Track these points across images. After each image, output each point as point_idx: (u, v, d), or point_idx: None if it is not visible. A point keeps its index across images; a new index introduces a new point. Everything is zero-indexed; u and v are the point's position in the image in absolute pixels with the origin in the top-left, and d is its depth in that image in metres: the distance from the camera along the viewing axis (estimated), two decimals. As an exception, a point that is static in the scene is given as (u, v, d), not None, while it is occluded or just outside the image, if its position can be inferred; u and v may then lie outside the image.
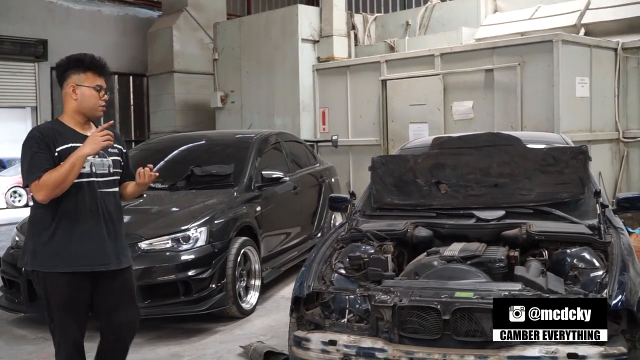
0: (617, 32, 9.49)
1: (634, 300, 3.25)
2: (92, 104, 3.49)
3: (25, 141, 3.39)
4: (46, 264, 3.36)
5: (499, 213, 4.31)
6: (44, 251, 3.37)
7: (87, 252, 3.39)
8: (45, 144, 3.34)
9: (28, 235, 3.49)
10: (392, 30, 12.37)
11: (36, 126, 3.54)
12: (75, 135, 3.46)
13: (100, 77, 3.51)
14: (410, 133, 9.59)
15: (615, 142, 9.13)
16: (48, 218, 3.38)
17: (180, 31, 13.88)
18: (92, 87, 3.47)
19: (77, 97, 3.47)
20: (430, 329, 3.27)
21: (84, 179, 3.43)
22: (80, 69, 3.49)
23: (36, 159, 3.31)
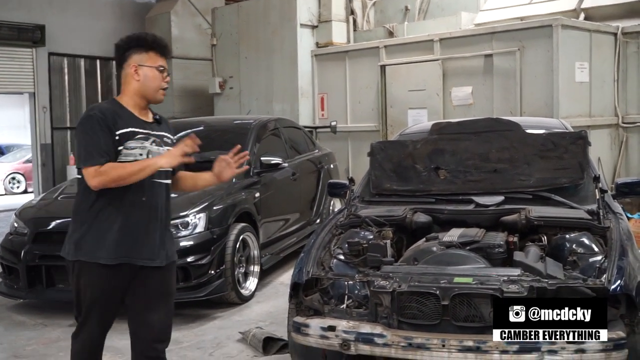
0: (617, 16, 9.45)
1: (633, 285, 3.26)
2: (155, 86, 3.29)
3: (84, 119, 3.17)
4: (90, 254, 3.16)
5: (498, 198, 4.30)
6: (89, 241, 3.16)
7: (134, 245, 3.19)
8: (107, 125, 3.12)
9: (73, 224, 3.25)
10: (391, 15, 12.30)
11: (95, 105, 3.30)
12: (134, 119, 3.25)
13: (162, 57, 3.32)
14: (409, 119, 9.57)
15: (615, 128, 9.12)
16: (97, 207, 3.17)
17: (178, 16, 13.81)
18: (154, 67, 3.28)
19: (140, 77, 3.26)
20: (429, 314, 3.27)
21: None
22: (142, 49, 3.28)
23: (97, 141, 3.09)
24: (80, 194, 3.25)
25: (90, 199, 3.17)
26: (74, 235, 3.21)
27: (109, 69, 14.79)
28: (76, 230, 3.21)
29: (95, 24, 14.19)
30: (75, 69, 14.19)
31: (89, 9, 14.14)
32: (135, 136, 3.20)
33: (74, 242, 3.20)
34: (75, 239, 3.20)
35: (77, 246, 3.18)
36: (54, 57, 13.67)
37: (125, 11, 14.83)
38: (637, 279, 3.34)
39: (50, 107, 13.63)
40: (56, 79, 13.81)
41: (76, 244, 3.19)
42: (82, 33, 13.95)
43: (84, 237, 3.17)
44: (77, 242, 3.19)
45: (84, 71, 14.32)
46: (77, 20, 13.87)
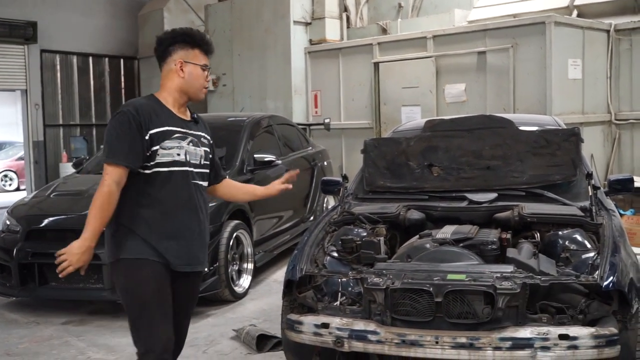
0: (610, 13, 9.47)
1: (625, 281, 3.26)
2: (198, 84, 3.20)
3: (117, 115, 3.07)
4: (132, 251, 3.03)
5: (491, 195, 4.30)
6: (132, 239, 3.04)
7: (176, 248, 3.08)
8: (138, 125, 3.00)
9: (111, 224, 3.07)
10: (384, 12, 12.30)
11: (131, 101, 3.15)
12: (172, 117, 3.14)
13: (206, 56, 3.25)
14: (402, 116, 9.58)
15: (607, 124, 9.15)
16: (137, 206, 3.05)
17: (171, 13, 13.78)
18: (199, 65, 3.19)
19: (185, 74, 3.16)
20: (422, 311, 3.26)
21: (177, 167, 3.11)
22: (189, 45, 3.19)
23: (123, 141, 2.99)
24: (120, 194, 3.07)
25: (130, 199, 3.05)
26: (115, 235, 3.09)
27: (102, 66, 14.75)
28: (115, 230, 3.09)
29: (87, 21, 14.15)
30: (68, 66, 14.15)
31: (82, 6, 14.09)
32: (172, 135, 3.09)
33: (115, 242, 3.09)
34: (116, 239, 3.08)
35: (119, 246, 3.07)
36: (46, 54, 13.62)
37: (118, 8, 14.79)
38: (630, 276, 3.35)
39: (43, 105, 13.58)
40: (48, 76, 13.76)
41: (117, 243, 3.07)
42: (74, 30, 13.91)
43: (127, 236, 3.05)
44: (118, 242, 3.07)
45: (76, 68, 14.27)
46: (69, 17, 13.83)
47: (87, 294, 5.78)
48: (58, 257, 2.96)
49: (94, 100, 14.67)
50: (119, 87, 15.14)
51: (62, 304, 6.20)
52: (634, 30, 8.93)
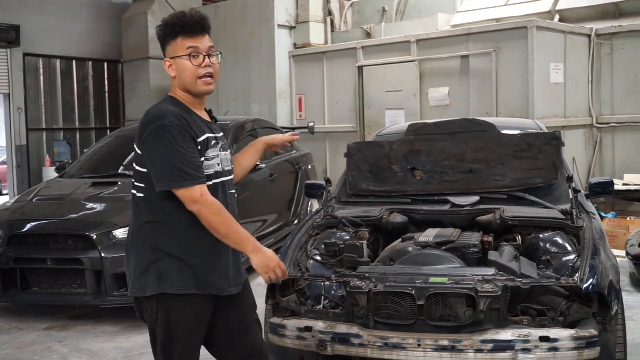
0: (591, 18, 9.57)
1: (605, 283, 3.30)
2: (189, 76, 2.72)
3: (160, 130, 2.60)
4: (178, 284, 2.67)
5: (474, 199, 4.33)
6: (177, 270, 2.67)
7: (222, 271, 2.78)
8: (190, 135, 2.63)
9: (143, 250, 2.72)
10: (368, 17, 12.34)
11: (165, 111, 2.66)
12: (203, 122, 2.79)
13: (192, 37, 2.70)
14: (386, 119, 9.61)
15: (589, 128, 9.23)
16: (177, 228, 2.68)
17: (155, 17, 13.70)
18: (184, 55, 2.71)
19: (175, 73, 2.75)
20: (405, 314, 3.28)
21: (219, 179, 2.78)
22: (170, 37, 2.73)
23: (185, 155, 2.59)
24: (152, 214, 2.70)
25: (167, 219, 2.68)
26: (152, 263, 2.69)
27: (86, 70, 14.66)
28: (153, 257, 2.69)
29: (71, 24, 14.07)
30: (51, 70, 14.05)
31: (65, 9, 14.00)
32: (211, 143, 2.75)
33: (154, 273, 2.68)
34: (155, 268, 2.68)
35: (159, 277, 2.66)
36: (29, 57, 13.52)
37: (102, 12, 14.71)
38: (609, 278, 3.38)
39: (26, 109, 13.47)
40: (31, 80, 13.66)
41: (158, 274, 2.67)
42: (57, 34, 13.81)
43: (169, 265, 2.67)
44: (158, 272, 2.67)
45: (59, 72, 14.17)
46: (52, 21, 13.73)
47: (70, 299, 5.75)
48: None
49: (78, 104, 14.57)
50: (102, 91, 15.06)
51: (44, 309, 6.16)
52: (614, 35, 9.03)
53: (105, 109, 15.09)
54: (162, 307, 2.71)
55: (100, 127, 14.88)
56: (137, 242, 2.75)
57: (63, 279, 5.67)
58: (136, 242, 2.75)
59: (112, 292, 5.50)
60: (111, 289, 5.49)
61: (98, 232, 5.56)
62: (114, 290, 5.51)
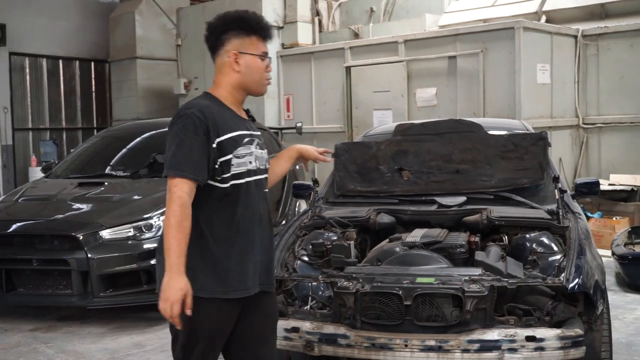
0: (578, 19, 9.62)
1: (591, 283, 3.32)
2: (259, 77, 2.76)
3: (179, 118, 2.60)
4: (208, 287, 2.59)
5: (461, 199, 4.35)
6: (206, 271, 2.60)
7: (252, 271, 2.69)
8: (205, 131, 2.57)
9: (195, 251, 2.61)
10: (356, 17, 12.34)
11: (193, 102, 2.67)
12: (238, 120, 2.74)
13: (264, 42, 2.79)
14: (374, 120, 9.61)
15: (575, 128, 9.28)
16: (210, 229, 2.62)
17: (142, 16, 13.68)
18: (258, 55, 2.74)
19: (241, 68, 2.72)
20: (392, 314, 3.29)
21: (251, 177, 2.72)
22: (243, 32, 2.73)
23: (188, 149, 2.54)
24: (199, 211, 2.60)
25: (198, 217, 2.59)
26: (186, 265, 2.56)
27: (72, 70, 14.59)
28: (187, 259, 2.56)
29: (57, 23, 13.98)
30: (37, 69, 13.97)
31: (51, 8, 13.91)
32: (243, 141, 2.70)
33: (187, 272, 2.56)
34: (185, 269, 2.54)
35: (193, 278, 2.54)
36: (14, 56, 13.44)
37: (89, 10, 14.63)
38: (595, 278, 3.41)
39: (12, 108, 13.39)
40: (17, 79, 13.58)
41: (191, 274, 2.55)
42: (44, 33, 13.73)
43: (200, 265, 2.60)
44: (191, 272, 2.55)
45: (46, 71, 14.10)
46: (38, 20, 13.65)
47: (56, 300, 5.71)
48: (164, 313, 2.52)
49: (64, 103, 14.50)
50: (89, 90, 14.99)
51: (30, 310, 6.12)
52: (600, 35, 9.08)
53: (92, 108, 15.02)
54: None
55: (87, 126, 14.82)
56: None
57: (49, 279, 5.63)
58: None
59: (99, 293, 5.48)
60: (97, 290, 5.47)
61: (84, 232, 5.53)
62: (100, 291, 5.48)
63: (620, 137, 8.97)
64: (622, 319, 5.35)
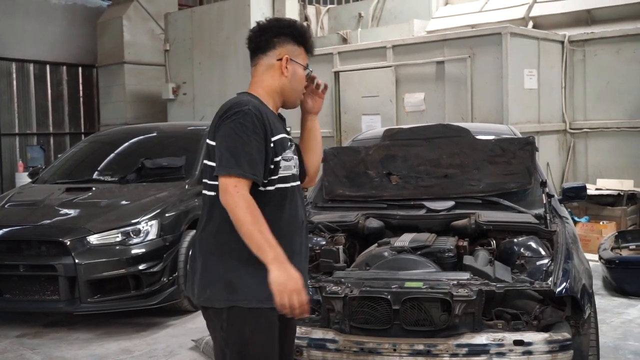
0: (564, 25, 9.70)
1: (578, 287, 3.34)
2: (300, 88, 2.72)
3: (236, 115, 2.44)
4: (253, 296, 2.43)
5: (449, 204, 4.36)
6: (248, 280, 2.44)
7: None
8: (263, 129, 2.46)
9: (211, 256, 2.51)
10: (344, 22, 12.38)
11: (246, 100, 2.51)
12: (280, 122, 2.66)
13: (307, 55, 2.72)
14: (362, 125, 9.62)
15: (563, 133, 9.33)
16: None
17: (130, 21, 13.65)
18: (304, 66, 2.69)
19: (289, 74, 2.63)
20: (380, 319, 3.29)
21: (294, 182, 2.63)
22: (295, 41, 2.66)
23: (250, 148, 2.41)
24: (221, 216, 2.47)
25: None
26: (218, 272, 2.48)
27: (60, 75, 14.53)
28: (219, 265, 2.48)
29: (45, 28, 13.93)
30: (24, 74, 13.91)
31: (39, 12, 13.86)
32: (289, 144, 2.63)
33: (223, 282, 2.46)
34: (223, 277, 2.46)
35: (230, 287, 2.44)
36: (1, 61, 13.37)
37: (77, 15, 14.59)
38: (582, 282, 3.43)
39: (-2, 113, 13.34)
40: (4, 84, 13.51)
41: (228, 284, 2.44)
42: (31, 37, 13.67)
43: (238, 274, 2.45)
44: (228, 282, 2.44)
45: (33, 76, 14.03)
46: (25, 25, 13.59)
47: (43, 306, 5.66)
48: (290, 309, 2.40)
49: (52, 108, 14.44)
50: (77, 95, 14.94)
51: (16, 316, 6.08)
52: (587, 41, 9.15)
53: (79, 113, 14.97)
54: (234, 322, 2.45)
55: (74, 132, 14.76)
56: (204, 246, 2.54)
57: (36, 285, 5.59)
58: (203, 246, 2.55)
59: (86, 299, 5.44)
60: (85, 296, 5.43)
61: (72, 237, 5.50)
62: (88, 297, 5.45)
63: (607, 142, 9.04)
64: (610, 322, 5.38)
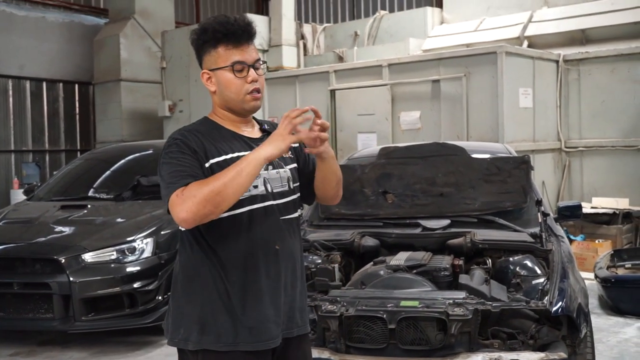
0: (559, 44, 9.78)
1: (574, 306, 3.34)
2: (234, 92, 2.33)
3: (165, 148, 2.31)
4: (225, 339, 2.25)
5: (445, 222, 4.36)
6: (218, 320, 2.26)
7: (269, 318, 2.30)
8: (192, 150, 2.26)
9: (178, 295, 2.35)
10: (340, 41, 12.44)
11: (179, 128, 2.39)
12: (236, 140, 2.37)
13: (237, 47, 2.32)
14: (358, 143, 9.64)
15: (558, 152, 9.36)
16: (211, 268, 2.28)
17: (127, 39, 13.69)
18: (227, 66, 2.32)
19: (215, 86, 2.37)
20: (376, 338, 3.28)
21: (258, 204, 2.32)
22: (210, 45, 2.35)
23: (180, 166, 2.21)
24: (185, 253, 2.35)
25: (200, 259, 2.30)
26: (187, 311, 2.31)
27: (56, 92, 14.53)
28: (189, 304, 2.31)
29: (41, 45, 13.95)
30: (21, 91, 13.90)
31: (35, 29, 13.89)
32: None
33: (196, 323, 2.28)
34: (194, 317, 2.29)
35: (201, 329, 2.27)
36: (-3, 78, 13.39)
37: (73, 33, 14.63)
38: (578, 301, 3.42)
39: (-6, 130, 13.33)
40: (0, 101, 13.50)
41: (200, 325, 2.28)
42: (28, 54, 13.69)
43: (209, 314, 2.28)
44: (200, 322, 2.28)
45: (29, 93, 14.03)
46: (22, 41, 13.62)
47: (37, 325, 5.62)
48: None
49: (47, 125, 14.42)
50: (73, 112, 14.93)
51: (10, 334, 6.03)
52: (581, 60, 9.21)
53: (75, 130, 14.95)
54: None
55: (70, 149, 14.74)
56: (177, 281, 2.38)
57: (30, 303, 5.55)
58: (176, 282, 2.39)
59: (80, 317, 5.41)
60: (79, 314, 5.40)
61: (66, 255, 5.47)
62: (82, 315, 5.41)
63: (602, 161, 9.07)
64: (606, 342, 5.36)
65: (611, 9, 9.64)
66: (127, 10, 13.87)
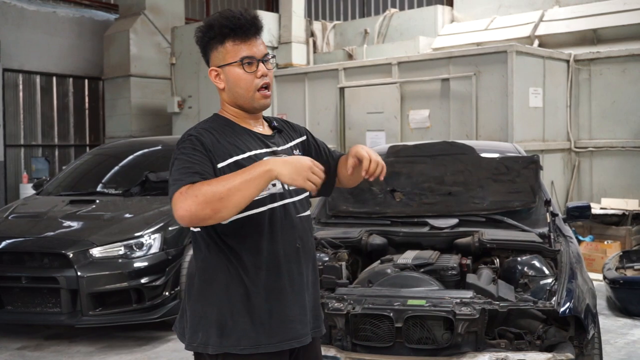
0: (570, 44, 9.73)
1: (582, 307, 3.32)
2: (244, 88, 2.29)
3: (178, 144, 2.25)
4: (244, 342, 2.20)
5: (453, 221, 4.35)
6: (239, 322, 2.21)
7: (293, 317, 2.26)
8: (205, 147, 2.21)
9: (195, 298, 2.28)
10: (350, 38, 12.42)
11: (196, 125, 2.33)
12: (250, 137, 2.33)
13: (245, 42, 2.29)
14: (367, 141, 9.63)
15: (567, 152, 9.32)
16: (231, 268, 2.22)
17: (137, 35, 13.73)
18: (236, 62, 2.29)
19: (223, 83, 2.33)
20: (383, 336, 3.28)
21: (278, 202, 2.28)
22: (217, 42, 2.31)
23: (190, 163, 2.15)
24: (201, 254, 2.29)
25: (217, 259, 2.24)
26: (205, 314, 2.24)
27: (66, 87, 14.59)
28: (206, 307, 2.25)
29: (52, 40, 14.01)
30: (31, 86, 13.97)
31: (46, 25, 13.95)
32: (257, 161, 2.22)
33: (215, 326, 2.22)
34: (212, 320, 2.23)
35: (220, 332, 2.21)
36: (8, 73, 13.44)
37: (83, 28, 14.68)
38: (586, 302, 3.40)
39: (4, 124, 13.35)
40: (10, 96, 13.56)
41: (219, 328, 2.21)
42: (38, 49, 13.76)
43: (228, 317, 2.21)
44: (219, 325, 2.22)
45: (39, 88, 14.10)
46: (33, 36, 13.68)
47: (44, 319, 5.65)
48: None
49: (57, 120, 14.50)
50: (82, 107, 15.00)
51: (18, 328, 6.06)
52: (592, 60, 9.16)
53: (84, 125, 15.01)
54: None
55: (79, 144, 14.80)
56: (193, 284, 2.30)
57: (38, 297, 5.58)
58: (192, 285, 2.31)
59: (88, 312, 5.43)
60: (87, 309, 5.42)
61: (74, 250, 5.49)
62: (90, 310, 5.43)
63: (612, 161, 9.02)
64: (614, 343, 5.34)
65: (623, 8, 9.58)
66: (137, 6, 13.90)
